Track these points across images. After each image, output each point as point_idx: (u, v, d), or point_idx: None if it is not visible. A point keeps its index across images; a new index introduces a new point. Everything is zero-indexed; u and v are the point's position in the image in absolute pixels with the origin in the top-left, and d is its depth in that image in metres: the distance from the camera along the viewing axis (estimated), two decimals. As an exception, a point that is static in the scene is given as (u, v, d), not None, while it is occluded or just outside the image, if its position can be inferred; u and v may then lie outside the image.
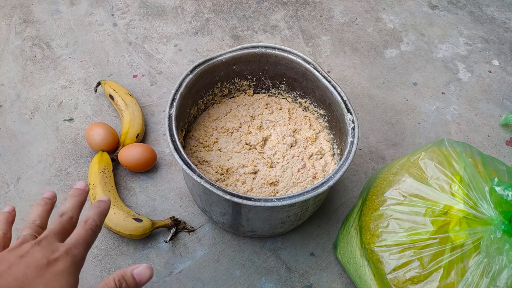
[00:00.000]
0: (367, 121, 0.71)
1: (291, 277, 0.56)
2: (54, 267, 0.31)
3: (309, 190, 0.46)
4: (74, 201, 0.39)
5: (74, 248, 0.34)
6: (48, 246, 0.33)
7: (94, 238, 0.36)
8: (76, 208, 0.39)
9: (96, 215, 0.38)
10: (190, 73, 0.54)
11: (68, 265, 0.32)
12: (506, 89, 0.77)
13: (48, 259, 0.32)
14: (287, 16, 0.86)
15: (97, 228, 0.37)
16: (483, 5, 0.90)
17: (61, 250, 0.33)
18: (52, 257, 0.32)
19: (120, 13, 0.84)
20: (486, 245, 0.40)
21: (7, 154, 0.65)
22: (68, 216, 0.37)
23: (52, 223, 0.36)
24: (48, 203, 0.39)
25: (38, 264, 0.31)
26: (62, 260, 0.32)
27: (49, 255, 0.32)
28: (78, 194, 0.40)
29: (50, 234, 0.34)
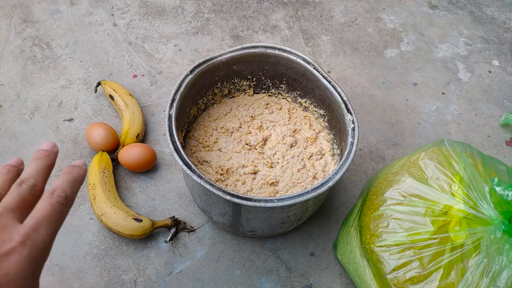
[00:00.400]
0: (367, 121, 0.71)
1: (291, 277, 0.56)
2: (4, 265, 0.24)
3: (309, 191, 0.46)
4: (38, 165, 0.30)
5: (33, 232, 0.26)
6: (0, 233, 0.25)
7: (63, 216, 0.28)
8: (41, 173, 0.30)
9: (66, 183, 0.30)
10: (190, 73, 0.54)
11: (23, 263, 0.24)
12: (506, 89, 0.77)
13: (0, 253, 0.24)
14: (287, 16, 0.86)
15: (67, 201, 0.29)
16: (483, 5, 0.90)
17: (15, 238, 0.25)
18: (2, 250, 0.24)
19: (120, 13, 0.84)
20: (486, 245, 0.40)
21: (7, 154, 0.65)
22: (30, 184, 0.29)
23: (8, 195, 0.28)
24: (12, 171, 0.31)
25: None
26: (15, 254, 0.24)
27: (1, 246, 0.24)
28: (43, 156, 0.31)
29: (4, 211, 0.26)
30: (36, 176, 0.30)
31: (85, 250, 0.57)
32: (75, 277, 0.55)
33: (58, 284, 0.54)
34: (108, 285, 0.55)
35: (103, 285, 0.55)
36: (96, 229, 0.58)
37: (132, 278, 0.55)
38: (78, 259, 0.56)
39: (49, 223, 0.27)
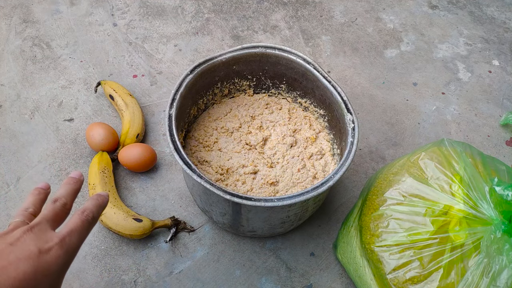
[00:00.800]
0: (367, 121, 0.71)
1: (291, 277, 0.56)
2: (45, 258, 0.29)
3: (309, 190, 0.46)
4: (68, 188, 0.37)
5: (68, 237, 0.31)
6: (40, 234, 0.31)
7: (88, 231, 0.34)
8: (70, 195, 0.37)
9: (94, 206, 0.36)
10: (190, 73, 0.54)
11: (60, 256, 0.30)
12: (506, 89, 0.77)
13: (40, 249, 0.29)
14: (287, 16, 0.86)
15: (93, 220, 0.35)
16: (483, 5, 0.90)
17: (54, 239, 0.31)
18: (44, 247, 0.30)
19: (120, 13, 0.84)
20: (486, 245, 0.40)
21: (7, 154, 0.65)
22: (62, 202, 0.35)
23: (45, 209, 0.34)
24: (42, 193, 0.37)
25: (29, 254, 0.29)
26: (54, 250, 0.30)
27: (42, 244, 0.30)
28: (73, 182, 0.38)
29: (43, 220, 0.32)
30: (67, 196, 0.36)
31: (85, 250, 0.57)
32: (75, 277, 0.55)
33: (58, 284, 0.54)
34: (108, 285, 0.55)
35: (103, 285, 0.55)
36: (96, 229, 0.58)
37: (132, 278, 0.55)
38: (78, 259, 0.56)
39: (79, 234, 0.33)
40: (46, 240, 0.30)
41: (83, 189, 0.62)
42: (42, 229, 0.31)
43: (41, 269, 0.29)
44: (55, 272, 0.30)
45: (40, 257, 0.29)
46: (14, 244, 0.29)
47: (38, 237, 0.30)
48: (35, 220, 0.32)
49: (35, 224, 0.32)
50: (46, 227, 0.32)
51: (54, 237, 0.31)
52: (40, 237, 0.30)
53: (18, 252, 0.29)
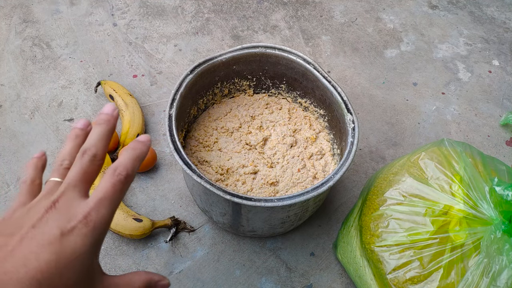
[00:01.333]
0: (367, 121, 0.71)
1: (291, 277, 0.56)
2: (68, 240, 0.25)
3: (309, 190, 0.46)
4: (99, 132, 0.31)
5: (94, 211, 0.27)
6: (64, 209, 0.27)
7: (123, 193, 0.29)
8: (102, 140, 0.31)
9: (129, 160, 0.30)
10: (190, 73, 0.54)
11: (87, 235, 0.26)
12: (506, 89, 0.77)
13: (62, 230, 0.26)
14: (287, 16, 0.86)
15: (128, 179, 0.29)
16: (483, 5, 0.90)
17: (78, 216, 0.26)
18: (67, 227, 0.26)
19: (120, 13, 0.84)
20: (486, 245, 0.40)
21: (7, 154, 0.65)
22: (91, 153, 0.30)
23: (71, 169, 0.29)
24: (80, 136, 0.33)
25: (51, 238, 0.25)
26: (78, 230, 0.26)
27: (64, 223, 0.26)
28: (104, 121, 0.32)
29: (68, 188, 0.28)
30: (97, 143, 0.31)
31: (85, 250, 0.57)
32: (75, 277, 0.55)
33: (58, 284, 0.54)
34: (108, 285, 0.55)
35: (103, 285, 0.54)
36: (96, 229, 0.58)
37: (132, 278, 0.55)
38: (78, 259, 0.56)
39: (110, 202, 0.28)
40: (69, 218, 0.26)
41: (83, 189, 0.61)
42: (68, 201, 0.27)
43: (64, 255, 0.25)
44: (83, 254, 0.26)
45: (63, 241, 0.25)
46: (35, 226, 0.26)
47: (61, 215, 0.26)
48: (60, 189, 0.28)
49: (59, 195, 0.27)
50: (72, 196, 0.28)
51: (78, 213, 0.26)
52: (63, 214, 0.26)
53: (40, 237, 0.25)
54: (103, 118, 0.32)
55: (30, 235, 0.25)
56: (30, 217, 0.27)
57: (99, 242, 0.27)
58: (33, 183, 0.32)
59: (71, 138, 0.33)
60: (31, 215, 0.27)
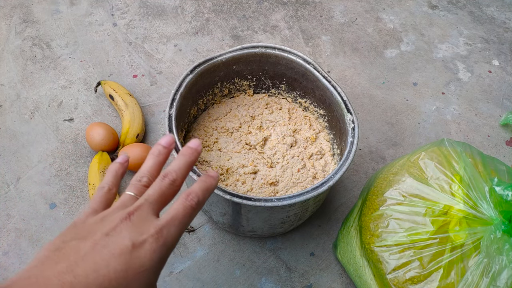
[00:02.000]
0: (367, 121, 0.71)
1: (291, 277, 0.56)
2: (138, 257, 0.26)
3: (309, 190, 0.46)
4: (181, 161, 0.33)
5: (166, 229, 0.28)
6: (138, 222, 0.28)
7: (191, 219, 0.31)
8: (183, 169, 0.33)
9: (201, 190, 0.32)
10: (190, 73, 0.54)
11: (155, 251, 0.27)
12: (506, 89, 0.77)
13: (134, 242, 0.27)
14: (287, 16, 0.86)
15: (198, 206, 0.31)
16: (483, 5, 0.90)
17: (150, 230, 0.28)
18: (138, 240, 0.27)
19: (120, 13, 0.84)
20: (486, 245, 0.40)
21: (7, 154, 0.65)
22: (172, 178, 0.32)
23: (151, 187, 0.31)
24: (163, 154, 0.34)
25: (122, 248, 0.26)
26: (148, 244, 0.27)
27: (136, 236, 0.27)
28: (188, 154, 0.34)
29: (145, 203, 0.30)
30: (178, 171, 0.32)
31: (85, 250, 0.57)
32: (75, 277, 0.55)
33: (58, 284, 0.54)
34: (108, 285, 0.55)
35: (103, 285, 0.55)
36: (96, 229, 0.58)
37: (132, 278, 0.55)
38: (78, 259, 0.56)
39: (180, 223, 0.29)
40: (142, 231, 0.27)
41: (83, 190, 0.62)
42: (142, 215, 0.28)
43: (133, 267, 0.26)
44: (149, 269, 0.27)
45: (133, 253, 0.26)
46: (109, 234, 0.27)
47: (134, 227, 0.27)
48: (138, 202, 0.30)
49: (135, 208, 0.29)
50: (147, 212, 0.29)
51: (151, 228, 0.28)
52: (137, 226, 0.27)
53: (112, 246, 0.26)
54: (187, 151, 0.34)
55: (103, 242, 0.26)
56: (104, 225, 0.28)
57: (164, 260, 0.28)
58: (109, 192, 0.33)
59: (154, 155, 0.34)
60: (105, 223, 0.28)
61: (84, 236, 0.27)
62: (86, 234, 0.27)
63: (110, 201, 0.33)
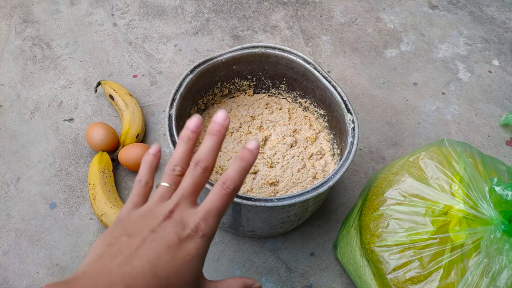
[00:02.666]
0: (367, 121, 0.71)
1: (291, 277, 0.56)
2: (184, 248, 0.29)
3: (309, 190, 0.46)
4: (211, 143, 0.33)
5: (204, 221, 0.30)
6: (180, 219, 0.30)
7: (229, 204, 0.31)
8: (213, 152, 0.32)
9: (237, 173, 0.31)
10: (190, 73, 0.54)
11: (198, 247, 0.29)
12: (506, 89, 0.77)
13: (180, 237, 0.29)
14: (287, 16, 0.86)
15: (235, 191, 0.31)
16: (483, 5, 0.90)
17: (191, 225, 0.29)
18: (183, 235, 0.29)
19: (120, 13, 0.84)
20: (486, 245, 0.40)
21: (7, 154, 0.65)
22: (203, 166, 0.32)
23: (185, 179, 0.32)
24: (192, 139, 0.34)
25: (169, 243, 0.28)
26: (192, 240, 0.29)
27: (180, 231, 0.29)
28: (216, 132, 0.33)
29: (182, 199, 0.31)
30: (208, 156, 0.32)
31: (85, 250, 0.57)
32: (75, 277, 0.55)
33: (58, 284, 0.54)
34: (108, 285, 0.55)
35: (103, 285, 0.55)
36: (96, 229, 0.58)
37: (132, 278, 0.55)
38: (78, 259, 0.56)
39: (217, 213, 0.31)
40: (184, 226, 0.29)
41: (83, 190, 0.62)
42: (182, 211, 0.30)
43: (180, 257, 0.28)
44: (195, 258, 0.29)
45: (179, 245, 0.28)
46: (155, 231, 0.29)
47: (177, 223, 0.29)
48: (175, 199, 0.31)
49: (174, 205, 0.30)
50: (185, 206, 0.31)
51: (190, 222, 0.30)
52: (178, 222, 0.29)
53: (159, 241, 0.28)
54: (216, 128, 0.33)
55: (151, 238, 0.28)
56: (150, 222, 0.30)
57: (207, 248, 0.30)
58: (147, 185, 0.34)
59: (184, 141, 0.34)
60: (150, 220, 0.30)
61: (133, 233, 0.29)
62: (134, 230, 0.29)
63: (148, 194, 0.34)
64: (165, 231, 0.29)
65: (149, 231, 0.29)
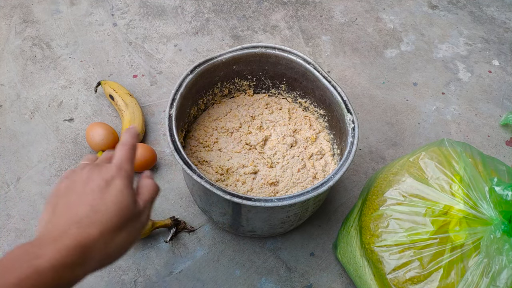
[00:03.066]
0: (367, 121, 0.71)
1: (291, 277, 0.56)
2: (113, 185, 0.34)
3: (309, 190, 0.46)
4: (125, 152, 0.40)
5: (123, 164, 0.36)
6: (102, 168, 0.35)
7: (134, 156, 0.39)
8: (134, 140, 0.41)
9: (130, 137, 0.39)
10: (190, 73, 0.54)
11: (123, 180, 0.35)
12: (506, 89, 0.77)
13: (106, 180, 0.34)
14: (287, 16, 0.86)
15: (134, 147, 0.39)
16: (483, 5, 0.90)
17: (113, 168, 0.36)
18: (107, 177, 0.35)
19: (120, 13, 0.84)
20: (486, 245, 0.40)
21: (7, 154, 0.65)
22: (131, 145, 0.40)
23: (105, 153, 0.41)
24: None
25: (99, 186, 0.34)
26: (117, 178, 0.35)
27: (105, 175, 0.35)
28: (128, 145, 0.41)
29: (100, 160, 0.39)
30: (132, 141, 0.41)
31: (85, 250, 0.57)
32: (75, 277, 0.55)
33: (58, 284, 0.54)
34: (108, 285, 0.55)
35: (103, 285, 0.55)
36: (96, 229, 0.58)
37: (132, 278, 0.55)
38: (78, 259, 0.56)
39: (128, 159, 0.37)
40: (107, 171, 0.35)
41: (83, 189, 0.62)
42: (102, 164, 0.37)
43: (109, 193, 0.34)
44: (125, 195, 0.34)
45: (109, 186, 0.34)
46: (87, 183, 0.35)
47: (101, 171, 0.35)
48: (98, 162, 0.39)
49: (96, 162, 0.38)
50: (103, 162, 0.38)
51: (112, 167, 0.36)
52: (102, 170, 0.35)
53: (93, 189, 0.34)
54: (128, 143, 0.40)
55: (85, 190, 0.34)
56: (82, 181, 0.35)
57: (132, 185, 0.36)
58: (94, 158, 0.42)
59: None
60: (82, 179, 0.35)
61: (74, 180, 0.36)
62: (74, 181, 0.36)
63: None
64: (94, 180, 0.35)
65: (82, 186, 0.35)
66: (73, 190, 0.35)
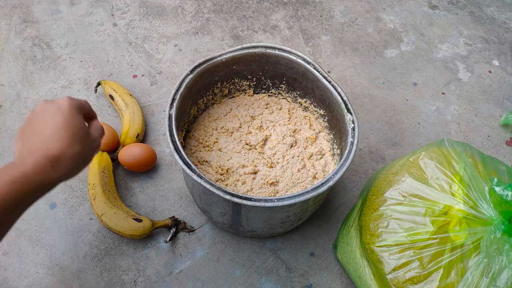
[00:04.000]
0: (367, 121, 0.71)
1: (291, 277, 0.56)
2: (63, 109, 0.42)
3: (309, 190, 0.46)
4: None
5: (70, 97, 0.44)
6: (54, 101, 0.43)
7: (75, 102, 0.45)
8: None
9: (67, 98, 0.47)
10: (190, 73, 0.54)
11: (70, 104, 0.42)
12: (506, 89, 0.77)
13: (58, 106, 0.42)
14: (287, 16, 0.86)
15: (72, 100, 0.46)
16: (483, 5, 0.90)
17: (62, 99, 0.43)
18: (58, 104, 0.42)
19: (120, 13, 0.84)
20: (486, 245, 0.40)
21: (7, 154, 0.65)
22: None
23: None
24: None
25: (52, 111, 0.42)
26: (65, 103, 0.42)
27: (56, 103, 0.42)
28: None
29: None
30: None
31: (85, 250, 0.57)
32: (75, 277, 0.55)
33: (58, 284, 0.54)
34: (108, 285, 0.55)
35: (103, 285, 0.55)
36: (96, 229, 0.58)
37: (132, 278, 0.55)
38: (78, 259, 0.56)
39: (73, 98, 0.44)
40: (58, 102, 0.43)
41: (83, 189, 0.62)
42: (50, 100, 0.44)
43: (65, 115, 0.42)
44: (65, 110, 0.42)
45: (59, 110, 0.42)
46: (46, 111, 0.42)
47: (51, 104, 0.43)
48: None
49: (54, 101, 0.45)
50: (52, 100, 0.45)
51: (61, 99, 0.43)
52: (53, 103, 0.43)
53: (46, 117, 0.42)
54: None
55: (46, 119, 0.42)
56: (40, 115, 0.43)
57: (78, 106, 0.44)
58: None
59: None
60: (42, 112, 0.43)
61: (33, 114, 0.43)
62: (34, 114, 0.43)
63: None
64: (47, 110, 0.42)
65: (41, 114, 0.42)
66: (34, 120, 0.42)
